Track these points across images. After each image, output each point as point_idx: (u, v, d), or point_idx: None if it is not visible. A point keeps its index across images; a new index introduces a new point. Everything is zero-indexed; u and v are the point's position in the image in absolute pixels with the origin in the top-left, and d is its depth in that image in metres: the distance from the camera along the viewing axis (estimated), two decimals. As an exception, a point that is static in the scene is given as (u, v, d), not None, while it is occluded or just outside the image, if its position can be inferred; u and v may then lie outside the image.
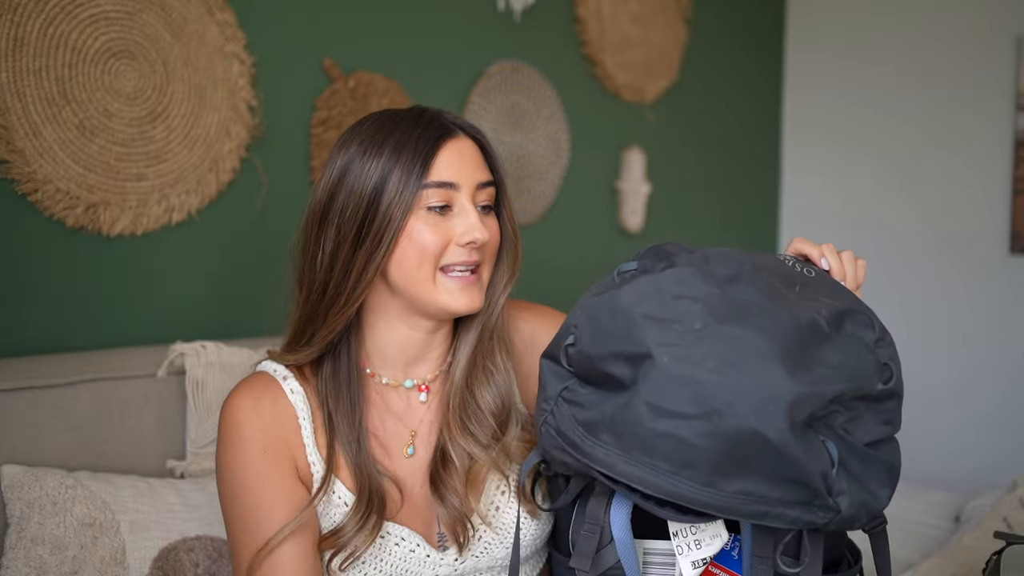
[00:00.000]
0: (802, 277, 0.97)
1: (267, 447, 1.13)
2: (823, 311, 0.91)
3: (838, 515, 0.86)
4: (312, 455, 1.15)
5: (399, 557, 1.13)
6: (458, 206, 1.13)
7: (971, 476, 2.99)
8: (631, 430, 0.86)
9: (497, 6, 2.34)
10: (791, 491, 0.85)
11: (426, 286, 1.13)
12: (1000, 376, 3.05)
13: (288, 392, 1.17)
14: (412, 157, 1.10)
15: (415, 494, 1.18)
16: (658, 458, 0.85)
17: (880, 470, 0.90)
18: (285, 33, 1.89)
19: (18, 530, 1.33)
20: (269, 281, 1.84)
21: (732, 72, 3.16)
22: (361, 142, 1.13)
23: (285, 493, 1.12)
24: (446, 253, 1.12)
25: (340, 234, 1.12)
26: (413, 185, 1.10)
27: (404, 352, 1.20)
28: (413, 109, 1.18)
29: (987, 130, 3.03)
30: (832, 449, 0.87)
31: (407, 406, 1.21)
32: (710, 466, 0.84)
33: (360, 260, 1.11)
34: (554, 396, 0.93)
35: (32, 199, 1.54)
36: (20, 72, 1.51)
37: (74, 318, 1.62)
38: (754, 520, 0.86)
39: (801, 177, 3.43)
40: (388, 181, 1.10)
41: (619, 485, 0.88)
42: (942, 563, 1.74)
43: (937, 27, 3.11)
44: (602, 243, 2.72)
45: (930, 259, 3.16)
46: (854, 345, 0.92)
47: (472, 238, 1.12)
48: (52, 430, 1.43)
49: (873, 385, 0.91)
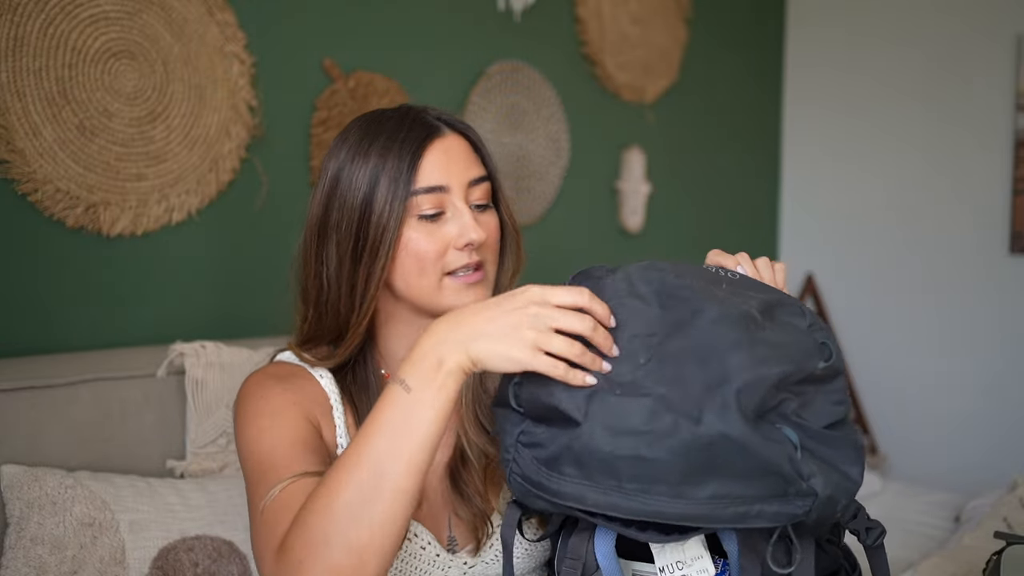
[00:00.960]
0: (727, 279, 0.98)
1: (296, 402, 1.09)
2: (753, 303, 0.92)
3: (816, 499, 0.86)
4: (342, 437, 1.13)
5: (409, 553, 1.13)
6: (451, 208, 1.10)
7: (971, 476, 2.99)
8: (592, 457, 0.85)
9: (497, 6, 2.34)
10: (763, 484, 0.85)
11: (431, 292, 1.11)
12: (1000, 376, 3.05)
13: (318, 377, 1.15)
14: (398, 164, 1.08)
15: (429, 495, 1.18)
16: (625, 479, 0.84)
17: (845, 448, 0.90)
18: (285, 33, 1.89)
19: (18, 530, 1.33)
20: (269, 281, 1.85)
21: (732, 72, 3.16)
22: (349, 148, 1.11)
23: (313, 439, 1.07)
24: (446, 258, 1.10)
25: (340, 250, 1.10)
26: (401, 194, 1.07)
27: None
28: (399, 109, 1.14)
29: (987, 130, 3.03)
30: (791, 434, 0.87)
31: None
32: (678, 476, 0.83)
33: (362, 275, 1.10)
34: (513, 443, 0.92)
35: (32, 199, 1.54)
36: (20, 72, 1.51)
37: (74, 318, 1.62)
38: (735, 524, 0.85)
39: (801, 176, 3.43)
40: (376, 191, 1.08)
41: (596, 517, 0.88)
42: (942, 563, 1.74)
43: (937, 27, 3.11)
44: (602, 243, 2.72)
45: (930, 259, 3.17)
46: (789, 331, 0.92)
47: (468, 240, 1.09)
48: (52, 430, 1.43)
49: (815, 364, 0.90)
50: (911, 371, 3.23)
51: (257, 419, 1.08)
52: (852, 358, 3.34)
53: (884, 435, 3.29)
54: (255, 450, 1.06)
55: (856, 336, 3.34)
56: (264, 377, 1.14)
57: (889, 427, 3.28)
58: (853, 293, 3.33)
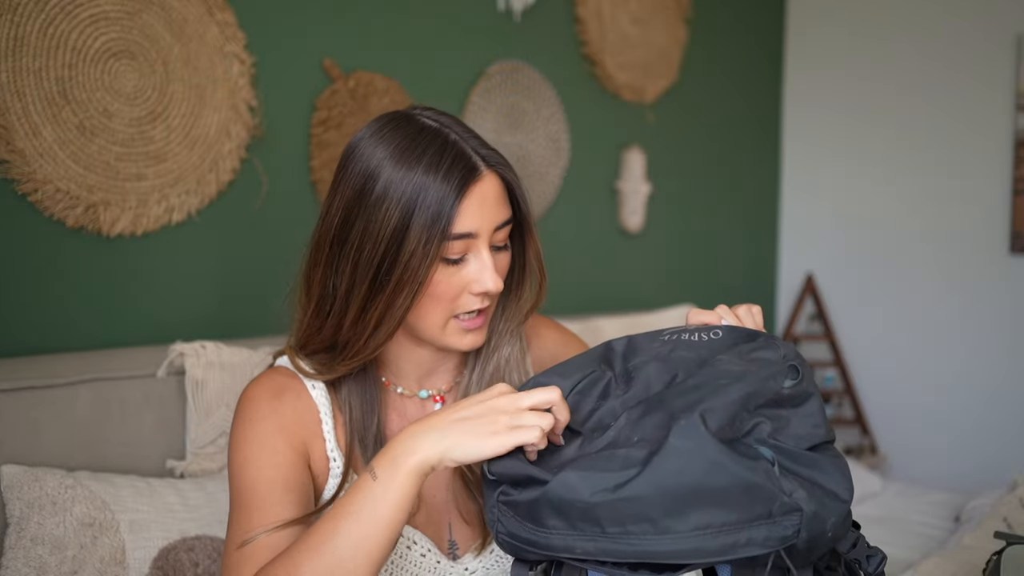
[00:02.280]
0: (708, 345, 0.98)
1: (283, 428, 1.11)
2: (718, 352, 0.96)
3: (803, 515, 0.84)
4: (332, 450, 1.14)
5: (410, 561, 1.13)
6: (474, 253, 1.08)
7: (971, 476, 2.99)
8: (572, 507, 0.86)
9: (497, 6, 2.34)
10: (746, 507, 0.83)
11: (436, 329, 1.11)
12: (1000, 376, 3.05)
13: (310, 388, 1.16)
14: (437, 204, 1.04)
15: (429, 501, 1.18)
16: (608, 524, 0.85)
17: (828, 468, 0.89)
18: (285, 33, 1.89)
19: (18, 530, 1.33)
20: (269, 281, 1.85)
21: (732, 72, 3.17)
22: (378, 164, 1.06)
23: (292, 470, 1.09)
24: (459, 301, 1.10)
25: (358, 270, 1.07)
26: (436, 238, 1.04)
27: (418, 367, 1.19)
28: (437, 135, 1.07)
29: (987, 130, 3.03)
30: (765, 452, 0.87)
31: (422, 415, 1.20)
32: (659, 511, 0.83)
33: (379, 304, 1.08)
34: (494, 504, 0.94)
35: (32, 199, 1.54)
36: (20, 72, 1.51)
37: (74, 318, 1.62)
38: (726, 556, 0.83)
39: (801, 176, 3.43)
40: (411, 227, 1.04)
41: (587, 563, 0.88)
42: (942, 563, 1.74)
43: (937, 27, 3.11)
44: (602, 243, 2.72)
45: (930, 259, 3.17)
46: (754, 362, 0.92)
47: (485, 289, 1.08)
48: (52, 430, 1.43)
49: (779, 383, 0.90)
50: (911, 371, 3.23)
51: (244, 446, 1.10)
52: (852, 358, 3.34)
53: (884, 435, 3.29)
54: (238, 476, 1.09)
55: (856, 336, 3.34)
56: (260, 391, 1.14)
57: (889, 427, 3.28)
58: (853, 293, 3.33)
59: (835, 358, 3.30)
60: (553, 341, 1.29)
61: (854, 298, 3.33)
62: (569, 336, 1.31)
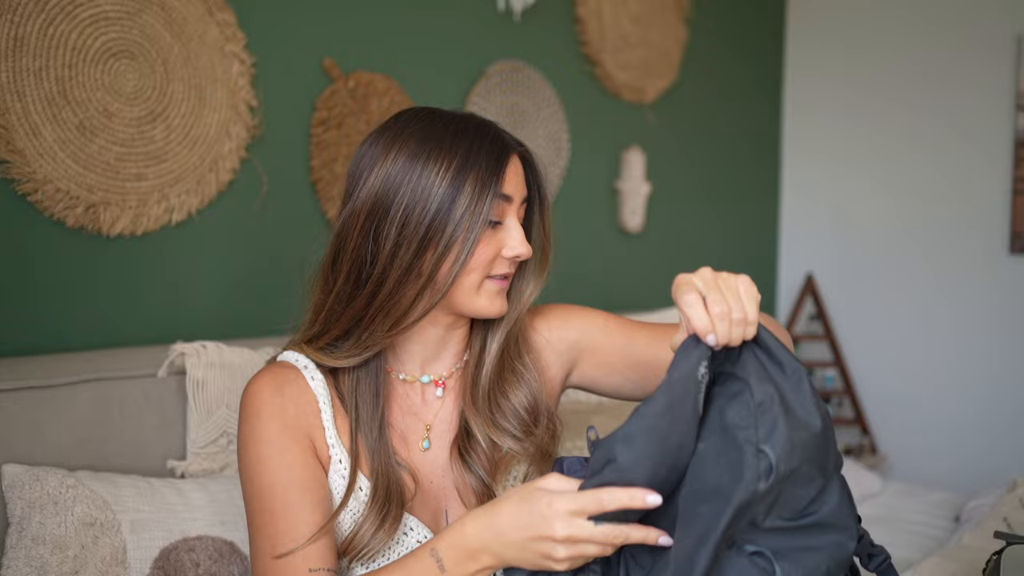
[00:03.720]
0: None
1: (288, 426, 1.14)
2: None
3: None
4: (331, 438, 1.16)
5: (406, 548, 1.15)
6: (508, 220, 1.16)
7: (971, 476, 2.99)
8: None
9: (497, 6, 2.34)
10: None
11: (469, 291, 1.16)
12: (1000, 376, 3.05)
13: (309, 380, 1.18)
14: (487, 168, 1.12)
15: (427, 488, 1.20)
16: None
17: (821, 529, 0.92)
18: (285, 33, 1.89)
19: (19, 530, 1.33)
20: (269, 281, 1.85)
21: (732, 72, 3.16)
22: (423, 141, 1.13)
23: (304, 469, 1.13)
24: (493, 265, 1.16)
25: (403, 234, 1.11)
26: (489, 195, 1.12)
27: (424, 349, 1.22)
28: (472, 118, 1.17)
29: (987, 130, 3.03)
30: (760, 561, 0.90)
31: (422, 401, 1.23)
32: None
33: (427, 262, 1.12)
34: None
35: (32, 199, 1.54)
36: (20, 72, 1.51)
37: (74, 318, 1.62)
38: None
39: (801, 176, 3.43)
40: (462, 189, 1.11)
41: None
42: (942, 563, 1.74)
43: (937, 27, 3.11)
44: (602, 243, 2.72)
45: (930, 259, 3.17)
46: (726, 456, 0.90)
47: (517, 253, 1.16)
48: (52, 430, 1.43)
49: (754, 486, 0.87)
50: (911, 371, 3.23)
51: (254, 444, 1.13)
52: (852, 358, 3.34)
53: (884, 435, 3.29)
54: (253, 478, 1.12)
55: (856, 336, 3.34)
56: (262, 387, 1.16)
57: (889, 427, 3.28)
58: (853, 293, 3.34)
59: (835, 358, 3.30)
60: (547, 324, 1.31)
61: (854, 298, 3.33)
62: (562, 312, 1.34)
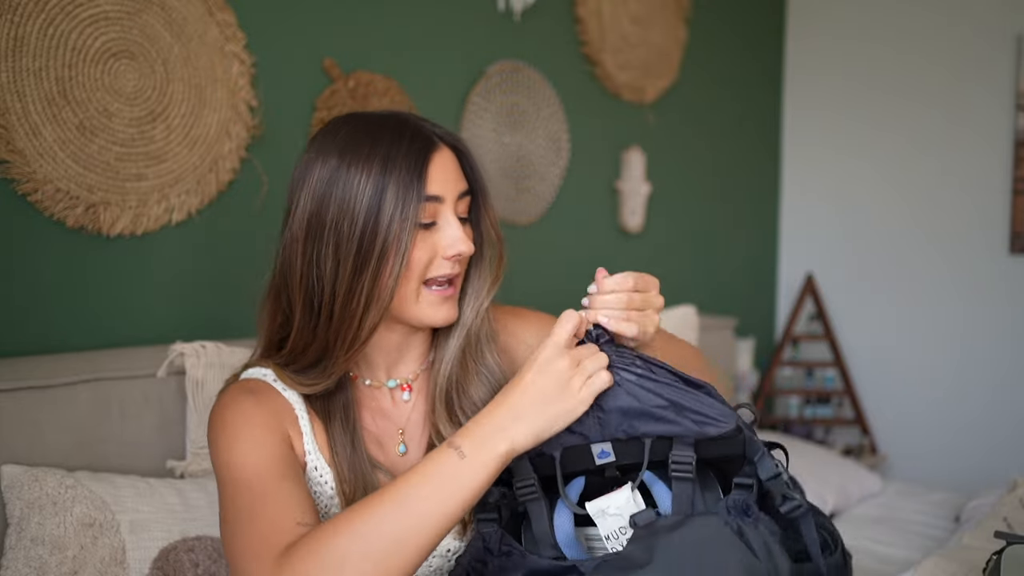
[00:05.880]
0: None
1: (267, 423, 1.12)
2: None
3: None
4: (309, 444, 1.15)
5: None
6: (443, 219, 1.12)
7: (971, 476, 2.99)
8: None
9: (497, 6, 2.34)
10: None
11: (409, 300, 1.13)
12: (1000, 376, 3.05)
13: (281, 390, 1.17)
14: (407, 171, 1.09)
15: None
16: None
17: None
18: (285, 33, 1.89)
19: (18, 530, 1.33)
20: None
21: (732, 72, 3.16)
22: (342, 152, 1.11)
23: (282, 463, 1.09)
24: (431, 267, 1.13)
25: (340, 252, 1.10)
26: (412, 201, 1.08)
27: (386, 356, 1.21)
28: (391, 117, 1.14)
29: (987, 130, 3.03)
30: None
31: (392, 404, 1.22)
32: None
33: (366, 281, 1.09)
34: None
35: (32, 199, 1.54)
36: (20, 72, 1.51)
37: (74, 318, 1.62)
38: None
39: (801, 176, 3.43)
40: (384, 197, 1.08)
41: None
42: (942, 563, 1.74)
43: (937, 27, 3.11)
44: (602, 243, 2.72)
45: (930, 259, 3.17)
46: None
47: (458, 251, 1.12)
48: (52, 430, 1.43)
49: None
50: (911, 371, 3.23)
51: (239, 434, 1.09)
52: (852, 358, 3.34)
53: (884, 435, 3.29)
54: (240, 463, 1.07)
55: (856, 336, 3.34)
56: (238, 392, 1.15)
57: (889, 427, 3.28)
58: (853, 293, 3.34)
59: (835, 358, 3.30)
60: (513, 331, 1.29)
61: (854, 298, 3.33)
62: (528, 316, 1.31)
